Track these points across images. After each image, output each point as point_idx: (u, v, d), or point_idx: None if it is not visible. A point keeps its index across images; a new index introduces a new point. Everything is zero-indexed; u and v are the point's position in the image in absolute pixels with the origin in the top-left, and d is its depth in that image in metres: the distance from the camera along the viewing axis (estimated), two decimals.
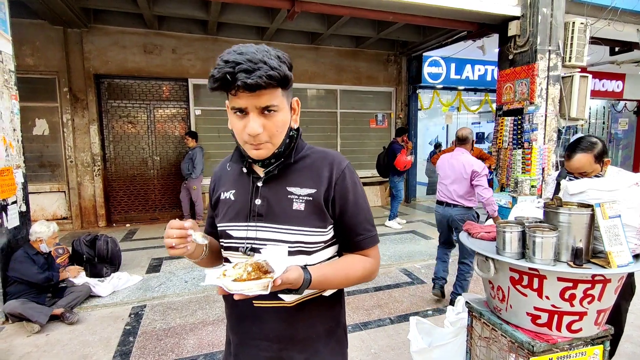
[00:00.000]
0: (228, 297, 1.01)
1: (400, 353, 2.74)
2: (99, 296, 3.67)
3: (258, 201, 0.97)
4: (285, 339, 0.99)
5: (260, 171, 1.00)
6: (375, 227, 1.04)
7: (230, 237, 1.00)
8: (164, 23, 6.47)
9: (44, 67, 5.97)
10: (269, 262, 0.82)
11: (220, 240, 1.04)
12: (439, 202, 3.60)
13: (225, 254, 1.04)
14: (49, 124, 6.20)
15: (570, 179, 1.98)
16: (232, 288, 0.76)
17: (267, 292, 0.76)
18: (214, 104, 7.14)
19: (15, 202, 3.42)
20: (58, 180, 6.36)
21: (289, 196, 0.96)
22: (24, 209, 3.56)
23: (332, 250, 1.02)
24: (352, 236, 1.00)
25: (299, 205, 0.95)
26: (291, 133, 0.98)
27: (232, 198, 1.02)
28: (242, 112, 0.88)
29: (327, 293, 1.02)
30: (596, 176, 1.93)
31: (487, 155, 5.50)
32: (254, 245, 0.96)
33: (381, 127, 8.54)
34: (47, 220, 3.58)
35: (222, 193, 1.06)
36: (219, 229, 1.03)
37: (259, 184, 0.98)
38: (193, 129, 6.93)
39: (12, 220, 3.37)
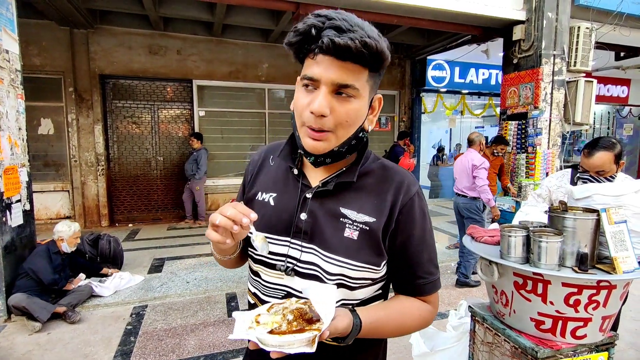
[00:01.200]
0: None
1: (402, 357, 2.72)
2: (100, 296, 3.68)
3: (304, 216, 0.79)
4: None
5: (314, 179, 0.83)
6: (439, 268, 0.87)
7: None
8: (169, 24, 6.51)
9: (50, 67, 6.01)
10: (313, 307, 0.66)
11: (251, 250, 0.86)
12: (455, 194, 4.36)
13: (255, 267, 0.86)
14: (54, 124, 6.24)
15: (583, 180, 1.97)
16: (268, 343, 0.60)
17: (312, 350, 0.60)
18: (217, 105, 7.17)
19: (19, 200, 3.43)
20: (62, 180, 6.39)
21: (341, 219, 0.78)
22: (28, 207, 3.57)
23: (378, 286, 0.85)
24: (411, 278, 0.82)
25: (351, 233, 0.77)
26: (361, 134, 0.78)
27: (272, 203, 0.84)
28: (313, 83, 0.70)
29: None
30: (607, 179, 1.91)
31: (505, 171, 5.16)
32: (295, 267, 0.79)
33: (384, 130, 8.53)
34: (70, 220, 3.63)
35: (259, 193, 0.87)
36: (250, 235, 0.85)
37: (308, 195, 0.81)
38: (197, 130, 6.96)
39: (15, 218, 3.38)
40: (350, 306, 0.76)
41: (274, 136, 7.47)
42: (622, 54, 6.81)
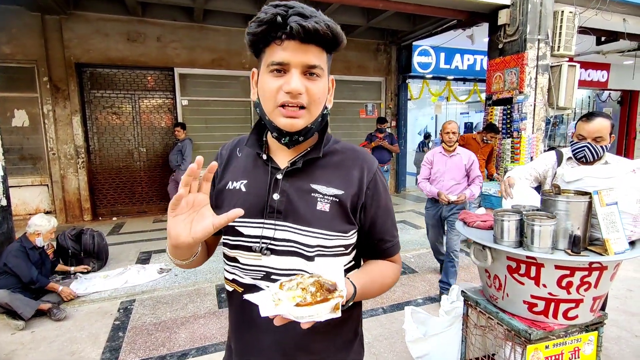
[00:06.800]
0: (234, 301, 0.92)
1: (394, 342, 2.75)
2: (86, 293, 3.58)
3: (276, 196, 0.84)
4: (300, 350, 0.87)
5: (282, 161, 0.88)
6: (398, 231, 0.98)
7: (239, 234, 0.86)
8: (147, 10, 6.25)
9: (21, 56, 5.72)
10: (325, 278, 0.70)
11: (226, 237, 0.90)
12: None
13: (232, 253, 0.89)
14: (29, 115, 5.97)
15: (580, 149, 1.95)
16: (298, 315, 0.64)
17: (339, 315, 0.65)
18: (201, 94, 6.98)
19: None
20: (40, 173, 6.16)
21: (312, 194, 0.84)
22: (4, 203, 3.43)
23: (351, 256, 0.92)
24: (381, 243, 0.92)
25: (323, 206, 0.83)
26: (325, 111, 0.86)
27: (243, 189, 0.87)
28: (282, 68, 0.76)
29: None
30: (603, 148, 1.93)
31: (492, 158, 5.12)
32: (270, 246, 0.84)
33: (371, 117, 8.49)
34: (46, 214, 3.50)
35: (229, 182, 0.90)
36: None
37: (279, 176, 0.85)
38: (180, 119, 6.78)
39: None
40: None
41: None
42: (602, 39, 6.90)
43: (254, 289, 0.85)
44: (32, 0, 5.16)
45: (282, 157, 0.88)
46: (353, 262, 0.94)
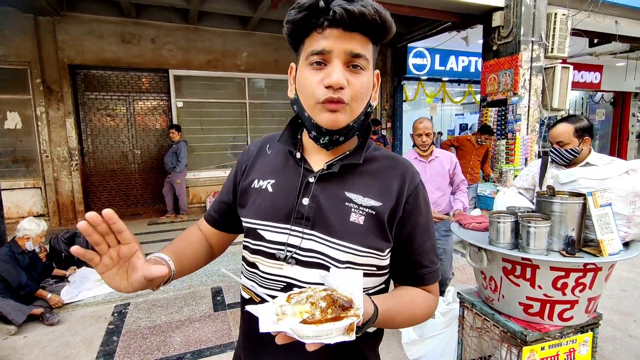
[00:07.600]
0: (246, 312, 0.84)
1: (389, 344, 2.74)
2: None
3: (306, 201, 0.77)
4: None
5: (316, 163, 0.80)
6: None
7: (261, 238, 0.79)
8: (142, 11, 6.22)
9: (14, 57, 5.67)
10: (340, 293, 0.61)
11: (247, 240, 0.83)
12: None
13: (252, 258, 0.82)
14: (22, 117, 5.91)
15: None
16: (304, 334, 0.54)
17: (352, 339, 0.55)
18: (196, 95, 6.96)
19: None
20: (33, 176, 6.10)
21: (346, 203, 0.76)
22: None
23: (382, 279, 0.83)
24: (417, 268, 0.81)
25: (357, 218, 0.75)
26: (369, 109, 0.78)
27: (270, 190, 0.80)
28: (322, 59, 0.70)
29: (371, 329, 0.79)
30: (569, 152, 1.96)
31: (488, 159, 5.23)
32: (294, 255, 0.76)
33: None
34: (39, 217, 3.44)
35: (255, 180, 0.83)
36: (246, 225, 0.82)
37: (311, 179, 0.78)
38: (175, 121, 6.75)
39: None
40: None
41: (256, 127, 7.34)
42: (595, 41, 6.96)
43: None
44: (25, 1, 5.11)
45: (317, 159, 0.81)
46: (383, 286, 0.85)
